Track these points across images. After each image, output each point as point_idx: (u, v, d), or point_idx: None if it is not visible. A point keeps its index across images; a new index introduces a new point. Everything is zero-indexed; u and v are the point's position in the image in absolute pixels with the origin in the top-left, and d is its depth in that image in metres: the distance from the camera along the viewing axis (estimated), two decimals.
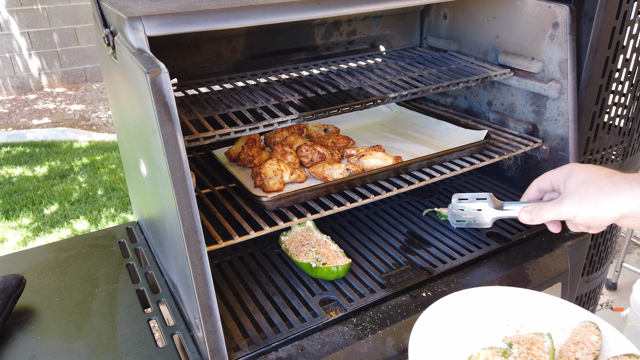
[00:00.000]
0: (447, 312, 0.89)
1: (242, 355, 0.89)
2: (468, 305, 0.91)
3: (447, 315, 0.88)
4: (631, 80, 1.34)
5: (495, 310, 0.90)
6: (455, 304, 0.90)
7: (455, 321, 0.88)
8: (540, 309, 0.90)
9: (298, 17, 0.91)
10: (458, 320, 0.88)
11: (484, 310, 0.90)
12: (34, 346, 0.94)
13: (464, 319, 0.88)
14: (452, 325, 0.87)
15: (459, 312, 0.89)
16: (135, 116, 0.88)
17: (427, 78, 1.33)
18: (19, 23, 5.60)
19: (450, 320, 0.88)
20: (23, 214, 3.40)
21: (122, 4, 0.90)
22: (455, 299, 0.91)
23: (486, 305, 0.91)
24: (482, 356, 0.78)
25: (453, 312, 0.89)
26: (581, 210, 0.83)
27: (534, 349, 0.78)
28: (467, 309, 0.90)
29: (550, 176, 0.93)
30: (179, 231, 0.78)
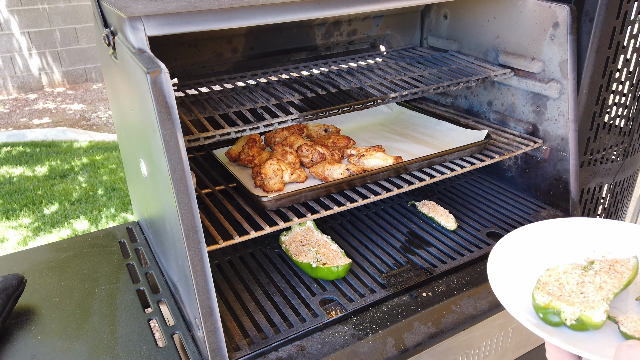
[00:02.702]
0: (529, 237, 0.84)
1: (243, 355, 0.89)
2: (555, 233, 0.86)
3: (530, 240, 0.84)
4: (631, 80, 1.34)
5: (583, 239, 0.85)
6: (541, 231, 0.85)
7: (537, 246, 0.83)
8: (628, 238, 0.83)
9: (298, 17, 0.91)
10: (540, 245, 0.84)
11: (572, 238, 0.85)
12: (34, 346, 0.94)
13: (548, 244, 0.84)
14: (533, 248, 0.83)
15: (542, 239, 0.85)
16: (136, 116, 0.88)
17: (428, 78, 1.33)
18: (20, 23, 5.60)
19: (532, 245, 0.83)
20: (23, 213, 3.40)
21: (123, 3, 0.90)
22: (541, 226, 0.86)
23: (573, 234, 0.86)
24: (561, 268, 0.75)
25: (536, 238, 0.85)
26: None
27: (616, 266, 0.75)
28: (553, 236, 0.85)
29: None
30: (179, 231, 0.78)
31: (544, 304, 0.69)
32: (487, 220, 1.31)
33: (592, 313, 0.67)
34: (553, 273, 0.75)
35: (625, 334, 0.65)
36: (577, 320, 0.67)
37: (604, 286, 0.71)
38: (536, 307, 0.70)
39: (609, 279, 0.72)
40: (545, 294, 0.70)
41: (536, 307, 0.70)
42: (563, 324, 0.68)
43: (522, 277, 0.78)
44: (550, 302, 0.69)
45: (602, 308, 0.67)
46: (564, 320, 0.68)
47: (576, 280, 0.73)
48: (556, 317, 0.68)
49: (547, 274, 0.75)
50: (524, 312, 0.70)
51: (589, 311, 0.67)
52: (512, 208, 1.36)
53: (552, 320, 0.69)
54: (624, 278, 0.72)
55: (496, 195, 1.42)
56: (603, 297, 0.69)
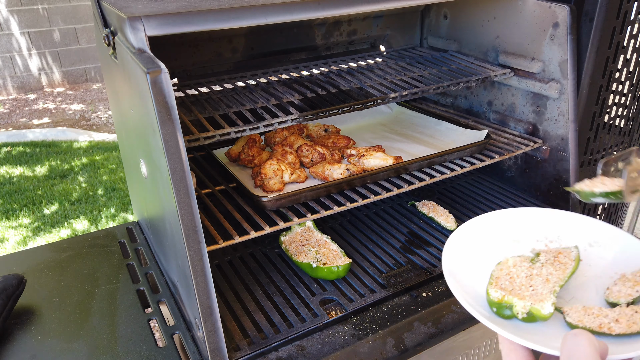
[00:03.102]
0: (477, 230, 0.89)
1: (243, 355, 0.89)
2: (498, 224, 0.91)
3: (477, 232, 0.89)
4: (631, 81, 1.34)
5: (525, 229, 0.91)
6: (485, 224, 0.91)
7: (485, 238, 0.89)
8: (569, 227, 0.90)
9: (298, 17, 0.91)
10: (488, 237, 0.89)
11: (514, 228, 0.91)
12: (34, 346, 0.94)
13: (494, 236, 0.89)
14: (482, 241, 0.88)
15: (489, 231, 0.90)
16: (136, 116, 0.88)
17: (428, 78, 1.33)
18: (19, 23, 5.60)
19: (480, 237, 0.89)
20: (23, 213, 3.40)
21: (123, 4, 0.90)
22: (485, 219, 0.91)
23: (516, 224, 0.92)
24: (510, 262, 0.80)
25: (483, 230, 0.90)
26: None
27: (560, 257, 0.80)
28: (497, 227, 0.91)
29: None
30: (179, 231, 0.78)
31: (498, 299, 0.74)
32: None
33: (541, 306, 0.71)
34: (504, 267, 0.80)
35: (571, 324, 0.70)
36: (528, 314, 0.72)
37: (551, 278, 0.76)
38: (490, 302, 0.75)
39: (555, 270, 0.78)
40: (499, 289, 0.75)
41: (490, 302, 0.75)
42: (515, 317, 0.72)
43: (474, 270, 0.82)
44: (503, 297, 0.73)
45: (550, 300, 0.72)
46: (516, 314, 0.72)
47: (525, 273, 0.78)
48: (509, 310, 0.73)
49: (499, 268, 0.80)
50: (478, 307, 0.74)
51: (539, 304, 0.72)
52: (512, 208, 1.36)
53: (504, 314, 0.73)
54: (567, 269, 0.78)
55: (496, 195, 1.42)
56: (550, 290, 0.74)
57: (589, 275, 0.81)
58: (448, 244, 0.85)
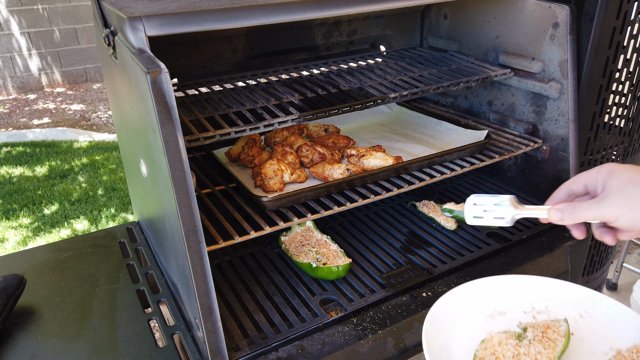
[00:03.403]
0: (461, 301, 0.86)
1: (243, 355, 0.89)
2: (483, 293, 0.88)
3: (462, 303, 0.86)
4: (631, 81, 1.34)
5: (511, 299, 0.88)
6: (469, 293, 0.88)
7: (470, 310, 0.85)
8: (557, 296, 0.87)
9: (298, 17, 0.91)
10: (473, 309, 0.86)
11: (500, 299, 0.88)
12: (34, 346, 0.94)
13: (479, 307, 0.86)
14: (467, 313, 0.85)
15: (474, 301, 0.87)
16: (136, 116, 0.88)
17: (428, 78, 1.33)
18: (19, 23, 5.60)
19: (465, 309, 0.85)
20: (23, 213, 3.40)
21: (123, 4, 0.90)
22: (469, 287, 0.88)
23: (502, 293, 0.88)
24: (496, 339, 0.76)
25: (468, 300, 0.87)
26: (625, 212, 0.73)
27: (549, 333, 0.76)
28: (482, 297, 0.88)
29: (585, 177, 0.81)
30: (179, 231, 0.78)
31: None
32: None
33: None
34: (488, 346, 0.75)
35: None
36: None
37: (540, 358, 0.72)
38: None
39: (544, 349, 0.73)
40: None
41: None
42: None
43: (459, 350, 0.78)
44: None
45: None
46: None
47: (512, 352, 0.73)
48: None
49: (483, 347, 0.75)
50: None
51: None
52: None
53: None
54: (557, 347, 0.74)
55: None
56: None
57: (582, 351, 0.77)
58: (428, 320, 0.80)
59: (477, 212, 0.91)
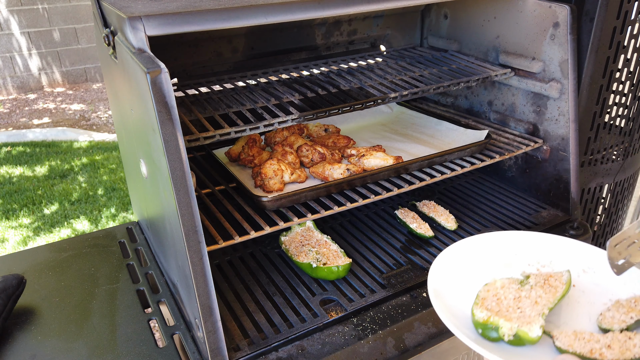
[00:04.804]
0: (469, 250, 0.88)
1: (243, 355, 0.89)
2: (489, 246, 0.90)
3: (469, 253, 0.88)
4: (632, 80, 1.34)
5: (517, 252, 0.89)
6: (477, 244, 0.89)
7: (475, 260, 0.87)
8: (562, 252, 0.89)
9: (298, 17, 0.91)
10: (477, 259, 0.87)
11: (506, 251, 0.89)
12: (34, 346, 0.94)
13: (484, 258, 0.88)
14: (471, 263, 0.87)
15: (479, 252, 0.88)
16: (136, 116, 0.88)
17: (428, 78, 1.33)
18: (19, 23, 5.60)
19: (470, 259, 0.87)
20: (23, 213, 3.40)
21: (123, 3, 0.90)
22: (477, 240, 0.90)
23: (508, 247, 0.90)
24: (498, 283, 0.78)
25: (473, 251, 0.88)
26: None
27: (550, 280, 0.78)
28: (488, 249, 0.89)
29: None
30: (179, 231, 0.78)
31: (483, 319, 0.71)
32: (487, 220, 1.31)
33: (529, 328, 0.69)
34: (491, 288, 0.77)
35: (560, 348, 0.68)
36: (515, 336, 0.69)
37: (540, 301, 0.74)
38: (475, 323, 0.72)
39: (544, 293, 0.75)
40: (484, 310, 0.73)
41: (475, 323, 0.72)
42: (501, 339, 0.70)
43: (461, 292, 0.81)
44: (489, 317, 0.71)
45: (538, 323, 0.69)
46: (502, 336, 0.70)
47: (513, 295, 0.76)
48: (495, 332, 0.70)
49: (486, 289, 0.77)
50: (463, 328, 0.72)
51: (526, 327, 0.69)
52: (513, 208, 1.36)
53: (490, 336, 0.71)
54: (558, 292, 0.76)
55: (496, 195, 1.42)
56: (539, 312, 0.72)
57: (582, 302, 0.79)
58: (435, 264, 0.83)
59: None
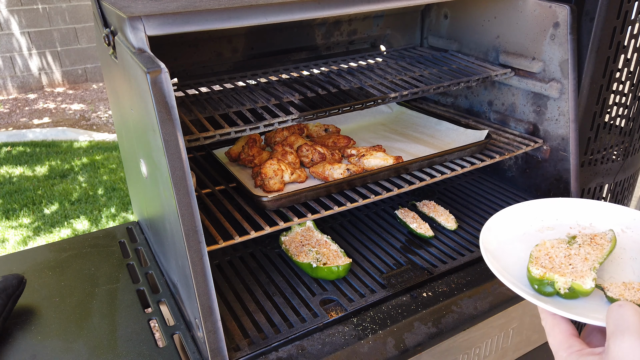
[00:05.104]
0: (512, 218, 0.93)
1: (243, 355, 0.89)
2: (531, 213, 0.95)
3: (513, 219, 0.93)
4: (632, 80, 1.34)
5: (556, 218, 0.94)
6: (518, 212, 0.94)
7: (519, 225, 0.92)
8: (600, 215, 0.93)
9: (298, 17, 0.91)
10: (521, 225, 0.92)
11: (546, 217, 0.94)
12: (35, 346, 0.94)
13: (528, 223, 0.93)
14: (516, 228, 0.92)
15: (521, 219, 0.94)
16: (136, 116, 0.88)
17: (428, 78, 1.33)
18: (19, 23, 5.60)
19: (514, 225, 0.92)
20: (23, 213, 3.40)
21: (123, 3, 0.90)
22: (518, 208, 0.95)
23: (548, 213, 0.95)
24: (548, 244, 0.82)
25: (517, 217, 0.93)
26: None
27: (596, 239, 0.83)
28: (531, 215, 0.94)
29: None
30: (179, 231, 0.78)
31: (539, 276, 0.76)
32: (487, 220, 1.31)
33: (582, 281, 0.74)
34: (542, 248, 0.82)
35: (612, 298, 0.72)
36: (570, 289, 0.74)
37: (589, 257, 0.79)
38: (531, 279, 0.77)
39: (592, 250, 0.80)
40: (540, 267, 0.77)
41: (531, 280, 0.77)
42: (556, 293, 0.74)
43: (512, 252, 0.86)
44: (544, 274, 0.76)
45: (591, 276, 0.74)
46: (558, 289, 0.74)
47: (564, 253, 0.81)
48: (550, 287, 0.75)
49: (537, 249, 0.82)
50: (520, 284, 0.76)
51: (579, 280, 0.74)
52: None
53: (546, 291, 0.75)
54: (605, 249, 0.81)
55: (497, 195, 1.42)
56: (590, 267, 0.76)
57: (624, 258, 0.84)
58: (484, 230, 0.88)
59: None
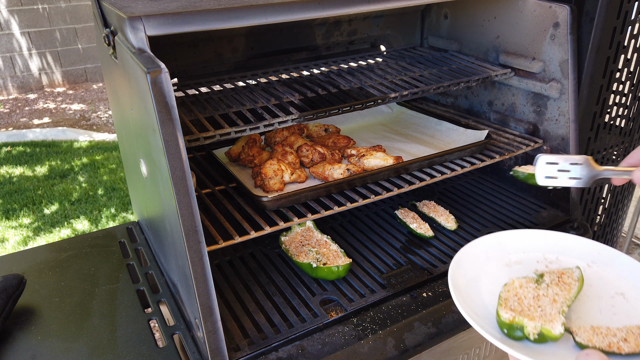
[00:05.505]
0: (480, 250, 0.92)
1: (243, 356, 0.89)
2: (499, 245, 0.94)
3: (481, 252, 0.92)
4: (632, 80, 1.34)
5: (523, 251, 0.94)
6: (487, 244, 0.94)
7: (489, 258, 0.92)
8: (566, 248, 0.93)
9: (298, 17, 0.91)
10: (491, 258, 0.92)
11: (513, 250, 0.94)
12: (34, 346, 0.94)
13: (497, 257, 0.92)
14: (486, 261, 0.91)
15: (492, 251, 0.93)
16: (136, 116, 0.88)
17: (428, 78, 1.33)
18: (20, 23, 5.60)
19: (484, 257, 0.92)
20: (23, 213, 3.40)
21: (123, 3, 0.90)
22: (486, 240, 0.94)
23: (516, 246, 0.95)
24: (517, 283, 0.82)
25: (486, 250, 0.93)
26: None
27: (564, 277, 0.83)
28: (499, 248, 0.94)
29: None
30: (179, 231, 0.78)
31: (509, 320, 0.75)
32: (487, 220, 1.31)
33: (552, 326, 0.73)
34: (510, 288, 0.82)
35: (580, 344, 0.72)
36: (539, 334, 0.73)
37: (557, 299, 0.78)
38: (501, 324, 0.76)
39: (560, 291, 0.80)
40: (509, 310, 0.76)
41: (501, 324, 0.76)
42: (526, 337, 0.74)
43: (480, 291, 0.85)
44: (514, 318, 0.75)
45: (560, 321, 0.74)
46: (527, 334, 0.73)
47: (532, 294, 0.80)
48: (520, 332, 0.74)
49: (506, 289, 0.81)
50: (489, 328, 0.75)
51: (549, 324, 0.73)
52: (513, 208, 1.36)
53: (515, 335, 0.74)
54: (572, 289, 0.81)
55: (496, 195, 1.42)
56: (558, 310, 0.76)
57: (591, 295, 0.84)
58: (453, 266, 0.87)
59: (551, 172, 0.88)
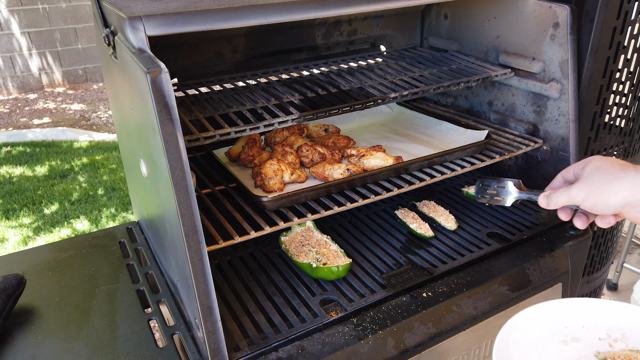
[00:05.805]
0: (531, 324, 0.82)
1: (243, 356, 0.89)
2: (553, 317, 0.84)
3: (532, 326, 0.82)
4: (632, 81, 1.34)
5: (584, 324, 0.83)
6: (539, 315, 0.84)
7: (541, 334, 0.81)
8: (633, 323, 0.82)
9: (298, 17, 0.91)
10: (544, 333, 0.82)
11: (572, 323, 0.83)
12: (34, 346, 0.94)
13: (550, 331, 0.82)
14: (538, 337, 0.81)
15: (544, 324, 0.83)
16: (136, 116, 0.88)
17: (428, 78, 1.33)
18: (20, 23, 5.60)
19: (536, 332, 0.81)
20: (23, 213, 3.40)
21: (123, 3, 0.90)
22: (538, 310, 0.84)
23: (573, 318, 0.84)
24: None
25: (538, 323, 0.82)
26: (588, 194, 0.85)
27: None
28: (553, 321, 0.83)
29: (573, 167, 0.95)
30: (179, 231, 0.78)
31: None
32: (487, 220, 1.31)
33: None
34: None
35: None
36: None
37: None
38: None
39: None
40: None
41: None
42: None
43: None
44: None
45: None
46: None
47: None
48: None
49: None
50: None
51: None
52: (513, 208, 1.36)
53: None
54: None
55: None
56: None
57: None
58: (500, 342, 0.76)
59: (484, 192, 1.10)
